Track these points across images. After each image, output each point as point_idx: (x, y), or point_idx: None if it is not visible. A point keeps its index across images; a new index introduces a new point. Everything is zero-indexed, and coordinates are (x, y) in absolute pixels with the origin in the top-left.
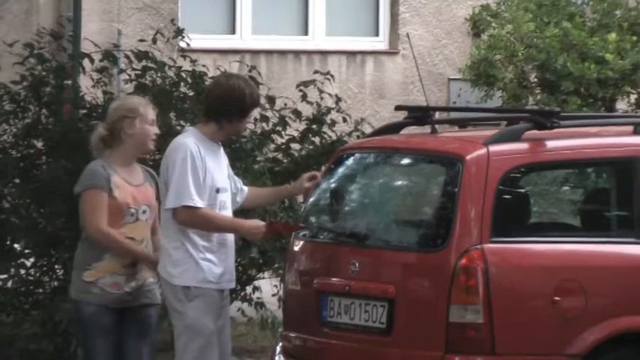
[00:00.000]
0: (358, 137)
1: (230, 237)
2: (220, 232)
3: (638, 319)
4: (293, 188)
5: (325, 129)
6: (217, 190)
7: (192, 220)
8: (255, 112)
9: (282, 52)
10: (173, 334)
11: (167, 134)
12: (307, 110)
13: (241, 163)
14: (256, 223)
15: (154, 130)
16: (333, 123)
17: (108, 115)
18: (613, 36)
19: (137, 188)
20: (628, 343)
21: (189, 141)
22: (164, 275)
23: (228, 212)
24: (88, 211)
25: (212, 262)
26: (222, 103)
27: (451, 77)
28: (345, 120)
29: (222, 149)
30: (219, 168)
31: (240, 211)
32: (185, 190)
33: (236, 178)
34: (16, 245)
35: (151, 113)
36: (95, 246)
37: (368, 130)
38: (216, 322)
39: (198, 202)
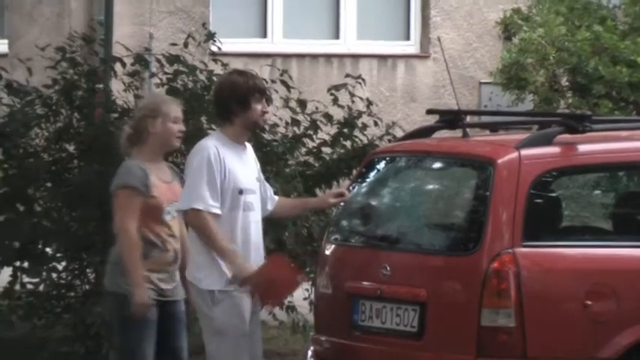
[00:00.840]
0: (389, 141)
1: (256, 238)
2: (212, 249)
3: None
4: (319, 202)
5: (356, 133)
6: (240, 192)
7: (197, 224)
8: (286, 116)
9: (314, 56)
10: (203, 338)
11: (199, 137)
12: (338, 114)
13: (272, 166)
14: (244, 267)
15: (178, 127)
16: (365, 127)
17: (133, 114)
18: None
19: (168, 185)
20: None
21: (210, 143)
22: (191, 279)
23: (255, 215)
24: (116, 208)
25: None
26: (220, 100)
27: (482, 81)
28: (376, 124)
29: (249, 150)
30: (243, 169)
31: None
32: (196, 193)
33: (267, 185)
34: (47, 249)
35: (174, 110)
36: (143, 243)
37: (399, 133)
38: (246, 325)
39: (209, 207)
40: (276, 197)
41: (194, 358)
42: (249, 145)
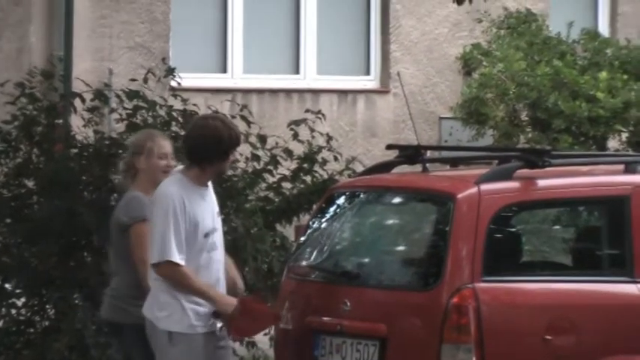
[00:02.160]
0: (349, 176)
1: (221, 278)
2: (194, 294)
3: (630, 358)
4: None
5: (316, 167)
6: (206, 235)
7: (172, 276)
8: (247, 151)
9: (274, 91)
10: None
11: None
12: (299, 149)
13: (233, 201)
14: (229, 300)
15: (165, 162)
16: (325, 162)
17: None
18: (604, 74)
19: None
20: None
21: (174, 191)
22: (150, 317)
23: (218, 253)
24: (135, 241)
25: (200, 305)
26: (200, 146)
27: (442, 116)
28: (336, 159)
29: (210, 189)
30: (207, 211)
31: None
32: (167, 246)
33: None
34: (7, 285)
35: (159, 146)
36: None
37: (359, 168)
38: None
39: (178, 259)
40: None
41: None
42: (209, 184)
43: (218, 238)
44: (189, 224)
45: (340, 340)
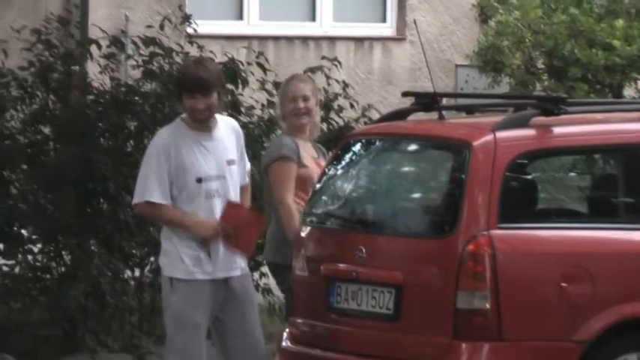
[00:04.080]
0: (366, 123)
1: None
2: (174, 227)
3: None
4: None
5: (333, 115)
6: (199, 180)
7: (150, 214)
8: (263, 98)
9: (290, 38)
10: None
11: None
12: None
13: (249, 149)
14: (207, 222)
15: (293, 105)
16: (341, 109)
17: None
18: (620, 22)
19: (315, 160)
20: (635, 329)
21: (164, 135)
22: (160, 264)
23: (218, 200)
24: (273, 181)
25: (194, 251)
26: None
27: (459, 64)
28: (352, 106)
29: (220, 134)
30: (204, 156)
31: None
32: (147, 187)
33: (247, 166)
34: (23, 231)
35: (291, 90)
36: None
37: (375, 116)
38: (201, 316)
39: (157, 199)
40: (244, 183)
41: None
42: (223, 127)
43: (222, 186)
44: (175, 170)
45: (356, 287)
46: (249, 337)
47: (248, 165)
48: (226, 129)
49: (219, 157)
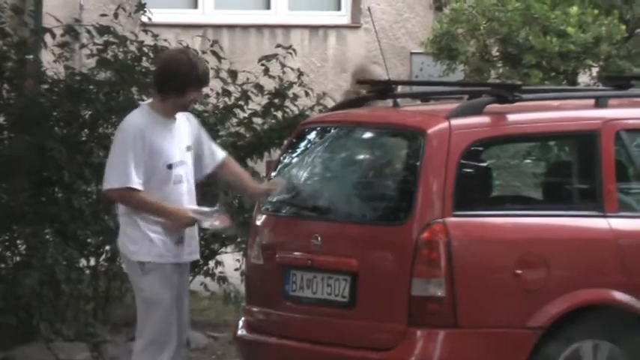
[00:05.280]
0: (320, 111)
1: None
2: (152, 214)
3: (600, 291)
4: (253, 194)
5: (287, 103)
6: (169, 167)
7: (129, 201)
8: (217, 87)
9: (245, 27)
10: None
11: (130, 109)
12: (269, 84)
13: None
14: (182, 211)
15: None
16: (296, 97)
17: None
18: (574, 9)
19: None
20: (589, 315)
21: (134, 120)
22: (124, 251)
23: (186, 186)
24: None
25: (162, 235)
26: (160, 77)
27: (413, 51)
28: (307, 94)
29: (180, 122)
30: (171, 143)
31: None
32: (126, 172)
33: (213, 146)
34: None
35: None
36: None
37: (330, 104)
38: (174, 295)
39: (136, 185)
40: (221, 157)
41: (126, 328)
42: (178, 115)
43: (185, 171)
44: (148, 155)
45: (311, 275)
46: (184, 319)
47: (213, 145)
48: (180, 117)
49: (181, 144)
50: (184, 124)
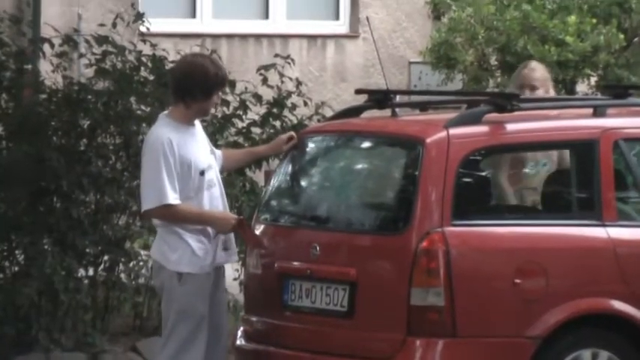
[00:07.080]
0: (319, 121)
1: (224, 209)
2: (195, 224)
3: (599, 300)
4: (270, 149)
5: (286, 112)
6: (202, 173)
7: (170, 217)
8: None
9: (243, 36)
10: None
11: (128, 118)
12: (268, 94)
13: None
14: (225, 216)
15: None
16: (294, 107)
17: None
18: (573, 18)
19: None
20: (588, 324)
21: (161, 133)
22: (159, 259)
23: (218, 189)
24: None
25: (205, 244)
26: (185, 80)
27: (412, 60)
28: (305, 103)
29: (198, 127)
30: (198, 149)
31: None
32: (162, 190)
33: (211, 146)
34: None
35: (522, 76)
36: None
37: (329, 113)
38: (207, 308)
39: (173, 200)
40: (220, 152)
41: (125, 338)
42: (197, 122)
43: (216, 174)
44: (180, 165)
45: (310, 284)
46: (217, 320)
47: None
48: (198, 124)
49: (205, 148)
50: (200, 129)
